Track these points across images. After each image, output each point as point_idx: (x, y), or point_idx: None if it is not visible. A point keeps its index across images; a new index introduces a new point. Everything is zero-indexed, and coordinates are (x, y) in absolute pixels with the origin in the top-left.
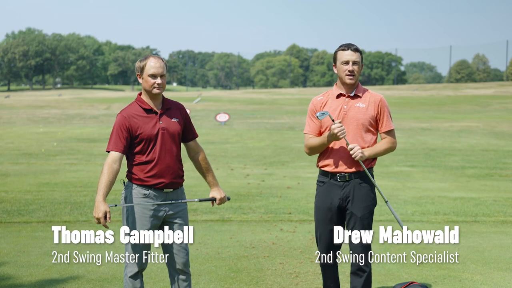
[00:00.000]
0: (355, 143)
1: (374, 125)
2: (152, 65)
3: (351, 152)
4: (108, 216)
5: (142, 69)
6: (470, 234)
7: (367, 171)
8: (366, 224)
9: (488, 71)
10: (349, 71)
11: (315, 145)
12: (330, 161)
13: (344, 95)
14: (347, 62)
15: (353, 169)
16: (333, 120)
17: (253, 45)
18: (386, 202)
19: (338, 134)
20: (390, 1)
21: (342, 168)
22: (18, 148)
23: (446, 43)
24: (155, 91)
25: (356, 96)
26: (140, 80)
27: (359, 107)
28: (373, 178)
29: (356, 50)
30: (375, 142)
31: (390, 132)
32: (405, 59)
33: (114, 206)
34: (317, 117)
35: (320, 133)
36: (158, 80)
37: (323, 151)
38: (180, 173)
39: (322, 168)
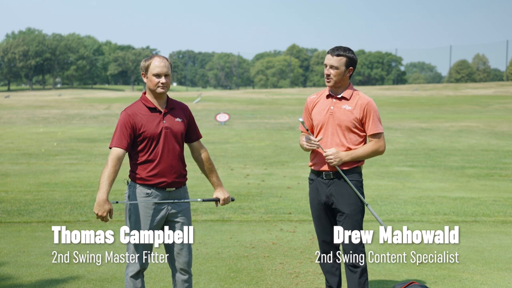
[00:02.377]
0: (337, 144)
1: (360, 128)
2: (156, 65)
3: (326, 159)
4: (111, 214)
5: (146, 68)
6: (470, 234)
7: (342, 174)
8: (355, 221)
9: (488, 71)
10: (326, 75)
11: (301, 146)
12: (316, 160)
13: (332, 96)
14: (326, 66)
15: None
16: (307, 130)
17: (253, 45)
18: (366, 205)
19: (306, 147)
20: (390, 1)
21: (327, 167)
22: (18, 148)
23: (446, 43)
24: (159, 90)
25: (343, 98)
26: (144, 79)
27: (345, 109)
28: (361, 177)
29: (338, 54)
30: (362, 143)
31: (376, 135)
32: (405, 59)
33: (115, 202)
34: (299, 120)
35: (312, 131)
36: (162, 80)
37: (311, 152)
38: (182, 172)
39: (311, 167)
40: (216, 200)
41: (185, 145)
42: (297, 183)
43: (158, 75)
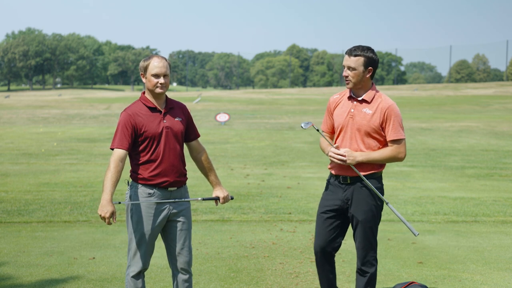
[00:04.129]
0: (354, 149)
1: (380, 132)
2: (155, 65)
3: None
4: (114, 216)
5: (145, 69)
6: (470, 234)
7: (361, 176)
8: (369, 227)
9: (488, 71)
10: (344, 76)
11: (321, 148)
12: (335, 164)
13: (354, 98)
14: (344, 67)
15: (356, 173)
16: (317, 130)
17: (253, 45)
18: (387, 203)
19: (331, 159)
20: (390, 1)
21: (345, 171)
22: (18, 148)
23: (446, 43)
24: (158, 90)
25: (364, 101)
26: (143, 80)
27: (365, 113)
28: (379, 183)
29: (356, 55)
30: (382, 148)
31: (396, 142)
32: (405, 59)
33: (118, 203)
34: (301, 126)
35: (332, 131)
36: (161, 80)
37: None
38: (183, 171)
39: (330, 170)
40: (216, 199)
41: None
42: (297, 183)
43: (156, 76)
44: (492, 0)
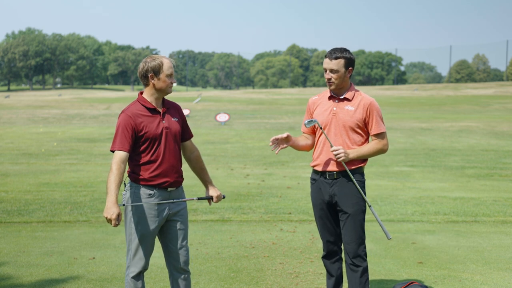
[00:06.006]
0: (340, 144)
1: (363, 128)
2: (170, 65)
3: (334, 153)
4: (120, 218)
5: (158, 70)
6: (470, 234)
7: (349, 173)
8: (358, 220)
9: (488, 71)
10: (327, 79)
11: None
12: (320, 161)
13: (334, 98)
14: (325, 70)
15: (342, 168)
16: (321, 128)
17: (253, 45)
18: (369, 206)
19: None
20: (390, 1)
21: (331, 167)
22: (18, 148)
23: (446, 43)
24: (170, 90)
25: (345, 99)
26: (152, 81)
27: (348, 109)
28: (363, 177)
29: (336, 57)
30: (365, 143)
31: (379, 135)
32: (405, 59)
33: (122, 205)
34: (305, 124)
35: (313, 132)
36: (173, 80)
37: (314, 152)
38: (181, 171)
39: (314, 167)
40: (209, 198)
41: None
42: (297, 183)
43: (170, 76)
44: (492, 0)
